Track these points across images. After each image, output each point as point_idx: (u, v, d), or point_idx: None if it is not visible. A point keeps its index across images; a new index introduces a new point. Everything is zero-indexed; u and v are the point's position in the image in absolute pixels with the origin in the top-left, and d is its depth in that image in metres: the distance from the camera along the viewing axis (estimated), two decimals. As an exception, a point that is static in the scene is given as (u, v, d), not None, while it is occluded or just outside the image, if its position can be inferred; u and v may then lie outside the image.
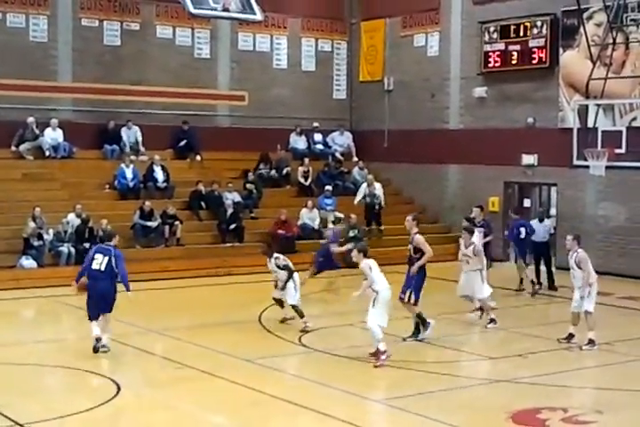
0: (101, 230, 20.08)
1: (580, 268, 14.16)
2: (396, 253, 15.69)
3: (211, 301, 18.15)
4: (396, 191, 27.18)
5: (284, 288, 15.27)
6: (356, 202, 24.36)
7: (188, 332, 15.09)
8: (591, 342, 14.14)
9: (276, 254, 15.41)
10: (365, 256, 13.29)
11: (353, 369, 13.00)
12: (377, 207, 24.39)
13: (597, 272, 14.48)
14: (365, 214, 24.21)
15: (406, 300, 14.39)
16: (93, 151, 24.49)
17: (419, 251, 14.40)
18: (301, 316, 15.21)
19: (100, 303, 13.48)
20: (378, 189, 24.61)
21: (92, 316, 13.50)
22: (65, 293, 16.82)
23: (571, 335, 14.38)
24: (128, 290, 13.53)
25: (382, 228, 24.20)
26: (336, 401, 11.34)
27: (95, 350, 13.34)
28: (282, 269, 15.31)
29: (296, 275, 15.38)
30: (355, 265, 13.51)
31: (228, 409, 10.85)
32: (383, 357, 12.91)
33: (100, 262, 13.37)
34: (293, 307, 15.25)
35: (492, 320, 15.66)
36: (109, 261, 13.36)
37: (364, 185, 24.63)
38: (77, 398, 11.23)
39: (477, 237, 17.36)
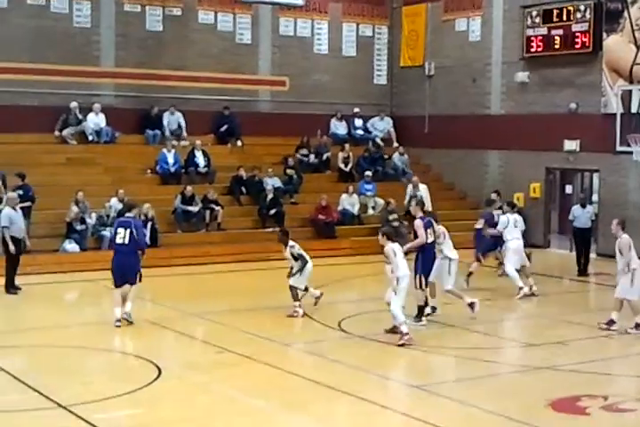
0: (143, 215, 20.25)
1: (622, 254, 14.10)
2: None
3: (251, 285, 18.25)
4: (436, 177, 27.09)
5: (293, 275, 15.21)
6: (405, 203, 23.38)
7: (228, 316, 15.19)
8: (638, 325, 14.10)
9: (291, 243, 15.35)
10: (390, 240, 13.35)
11: (392, 354, 13.03)
12: None
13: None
14: (407, 215, 23.60)
15: (418, 286, 14.32)
16: (135, 136, 24.67)
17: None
18: (295, 299, 15.15)
19: (125, 275, 14.28)
20: (422, 190, 23.87)
21: (117, 284, 14.30)
22: (107, 276, 17.07)
23: (612, 321, 14.28)
24: (143, 254, 14.49)
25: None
26: (375, 386, 11.40)
27: (118, 320, 14.07)
28: (296, 258, 15.24)
29: (309, 264, 15.29)
30: None
31: (268, 393, 10.92)
32: (406, 337, 13.08)
33: (122, 236, 14.17)
34: (291, 287, 15.19)
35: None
36: (131, 233, 14.10)
37: (410, 187, 24.11)
38: (119, 380, 11.35)
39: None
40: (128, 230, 14.13)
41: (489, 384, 11.45)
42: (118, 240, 14.21)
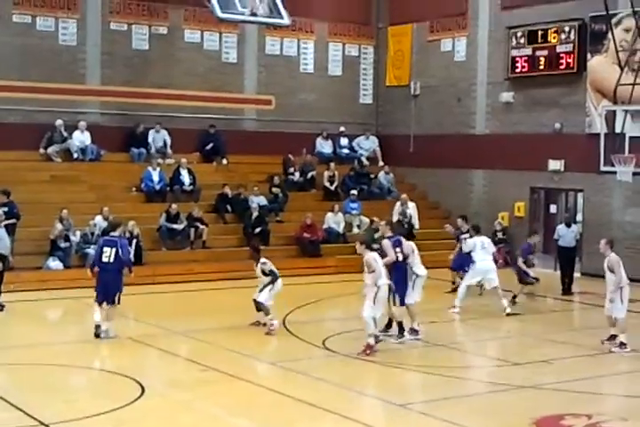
0: (128, 232, 20.21)
1: (612, 271, 14.28)
2: (424, 258, 15.73)
3: (235, 303, 18.15)
4: (421, 196, 27.14)
5: (261, 291, 15.32)
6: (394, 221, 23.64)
7: (212, 334, 15.14)
8: (622, 344, 14.24)
9: (262, 260, 15.52)
10: (369, 248, 13.82)
11: (376, 373, 13.01)
12: (407, 226, 23.37)
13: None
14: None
15: (394, 304, 14.41)
16: (121, 154, 24.66)
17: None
18: (267, 314, 15.28)
19: (107, 293, 14.53)
20: (411, 208, 23.99)
21: (99, 300, 14.57)
22: (91, 294, 16.97)
23: (612, 336, 14.48)
24: (130, 272, 14.81)
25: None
26: (359, 405, 11.37)
27: (97, 335, 14.36)
28: (266, 274, 15.36)
29: (279, 281, 15.40)
30: None
31: (251, 412, 10.87)
32: (368, 351, 13.36)
33: (108, 255, 14.48)
34: (257, 303, 15.32)
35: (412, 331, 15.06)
36: (116, 252, 14.45)
37: (398, 204, 24.14)
38: (102, 398, 11.28)
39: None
40: (114, 249, 14.45)
41: (473, 403, 11.43)
42: (104, 259, 14.51)
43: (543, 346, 14.93)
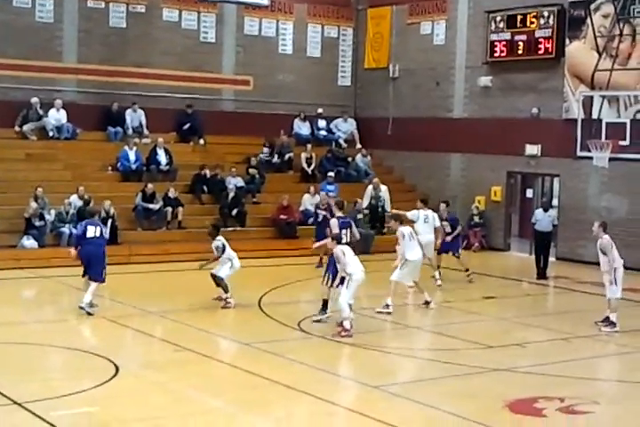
0: (104, 211, 20.14)
1: (604, 254, 14.59)
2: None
3: (211, 284, 18.10)
4: (398, 179, 27.16)
5: (222, 268, 15.87)
6: (363, 206, 23.70)
7: (187, 315, 15.13)
8: (611, 323, 14.59)
9: (218, 237, 16.12)
10: (339, 243, 14.12)
11: (351, 355, 13.06)
12: (380, 210, 23.77)
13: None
14: (370, 216, 23.76)
15: (325, 283, 14.74)
16: (97, 133, 24.47)
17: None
18: (226, 291, 15.76)
19: (90, 265, 14.92)
20: (383, 191, 24.13)
21: (85, 273, 15.04)
22: (65, 273, 16.92)
23: (607, 318, 14.78)
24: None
25: (385, 230, 23.28)
26: (334, 387, 11.39)
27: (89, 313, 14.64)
28: (217, 250, 15.92)
29: (235, 260, 15.97)
30: None
31: (226, 392, 10.88)
32: (344, 333, 13.52)
33: (93, 231, 15.03)
34: (215, 277, 15.86)
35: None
36: (101, 229, 15.23)
37: (370, 187, 24.21)
38: (76, 378, 11.27)
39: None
40: (98, 228, 15.19)
41: (447, 386, 11.48)
42: (90, 235, 14.95)
43: (517, 330, 15.03)
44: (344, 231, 14.84)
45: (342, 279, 13.96)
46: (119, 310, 15.35)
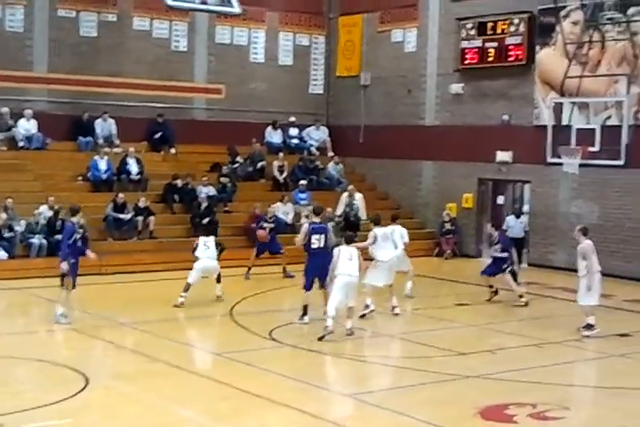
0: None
1: (584, 259, 14.73)
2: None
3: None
4: (370, 187, 27.19)
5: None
6: (338, 213, 23.60)
7: (158, 325, 15.04)
8: (590, 326, 14.71)
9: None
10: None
11: (324, 364, 13.04)
12: (353, 219, 23.51)
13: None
14: (344, 224, 23.29)
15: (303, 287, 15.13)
16: (67, 143, 24.32)
17: None
18: (185, 290, 16.46)
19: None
20: (358, 199, 23.98)
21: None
22: (36, 284, 16.80)
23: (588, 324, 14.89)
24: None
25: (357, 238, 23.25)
26: (306, 396, 11.33)
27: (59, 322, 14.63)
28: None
29: (201, 262, 16.89)
30: None
31: (198, 403, 10.81)
32: (326, 332, 13.84)
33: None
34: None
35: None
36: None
37: (345, 195, 24.14)
38: (46, 390, 11.15)
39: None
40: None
41: (420, 393, 11.47)
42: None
43: (489, 336, 15.07)
44: (316, 237, 15.01)
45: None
46: (89, 321, 15.23)
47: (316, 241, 14.99)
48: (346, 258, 14.19)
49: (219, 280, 17.17)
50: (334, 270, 14.14)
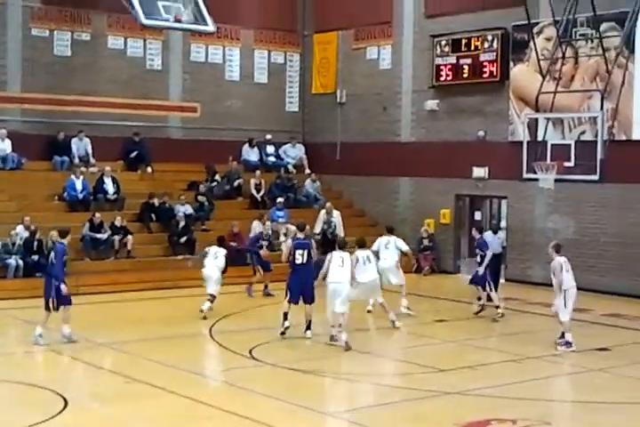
0: (51, 242, 19.80)
1: (554, 275, 14.84)
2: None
3: (161, 314, 17.99)
4: (347, 204, 27.21)
5: None
6: (316, 231, 23.61)
7: (137, 346, 14.94)
8: (568, 343, 14.77)
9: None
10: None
11: (305, 382, 12.95)
12: (330, 236, 23.44)
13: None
14: (322, 241, 23.20)
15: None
16: (43, 163, 24.21)
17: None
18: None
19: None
20: (336, 217, 24.13)
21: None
22: (12, 306, 16.68)
23: (563, 335, 14.96)
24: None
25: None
26: (289, 415, 11.27)
27: (37, 342, 14.46)
28: None
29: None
30: None
31: (179, 424, 10.73)
32: (333, 341, 14.65)
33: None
34: None
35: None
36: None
37: (323, 212, 24.21)
38: (24, 412, 11.03)
39: None
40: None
41: (401, 410, 11.45)
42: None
43: (469, 352, 15.06)
44: (300, 252, 15.29)
45: None
46: (68, 343, 15.11)
47: (300, 256, 15.29)
48: (337, 264, 14.66)
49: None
50: (324, 278, 14.70)
